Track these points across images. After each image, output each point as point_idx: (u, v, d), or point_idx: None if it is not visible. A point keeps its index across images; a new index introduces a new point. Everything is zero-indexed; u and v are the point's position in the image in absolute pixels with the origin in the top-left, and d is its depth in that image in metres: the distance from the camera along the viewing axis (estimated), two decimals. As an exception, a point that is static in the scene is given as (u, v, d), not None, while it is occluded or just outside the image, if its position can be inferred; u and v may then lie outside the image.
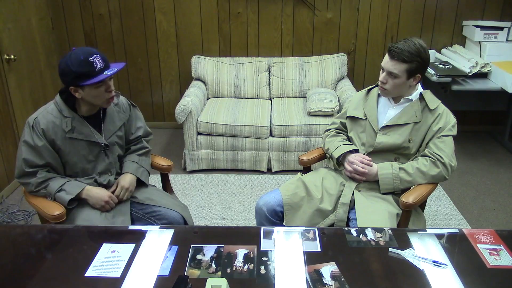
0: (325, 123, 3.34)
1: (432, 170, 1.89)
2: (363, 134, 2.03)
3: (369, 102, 2.04)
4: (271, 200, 1.98)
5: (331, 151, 2.08)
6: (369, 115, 2.01)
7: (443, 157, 1.88)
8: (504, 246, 1.38)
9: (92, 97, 1.74)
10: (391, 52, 1.83)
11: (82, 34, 4.04)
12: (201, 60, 3.91)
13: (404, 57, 1.80)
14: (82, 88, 1.70)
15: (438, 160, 1.88)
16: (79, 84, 1.68)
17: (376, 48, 4.06)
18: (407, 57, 1.80)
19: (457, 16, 3.93)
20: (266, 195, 2.03)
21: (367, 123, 2.01)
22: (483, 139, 4.13)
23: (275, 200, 1.98)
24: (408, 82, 1.87)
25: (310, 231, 1.46)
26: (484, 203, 3.08)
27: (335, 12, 3.94)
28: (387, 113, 1.99)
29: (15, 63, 3.19)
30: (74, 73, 1.66)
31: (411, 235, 1.45)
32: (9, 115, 3.15)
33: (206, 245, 1.38)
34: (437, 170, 1.89)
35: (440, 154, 1.88)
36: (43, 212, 1.70)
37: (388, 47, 1.85)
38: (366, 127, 2.01)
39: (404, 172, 1.91)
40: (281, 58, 3.96)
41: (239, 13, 3.95)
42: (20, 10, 3.31)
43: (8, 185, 3.17)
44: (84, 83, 1.67)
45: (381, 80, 1.89)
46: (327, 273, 1.26)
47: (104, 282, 1.24)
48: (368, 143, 2.01)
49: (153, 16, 3.97)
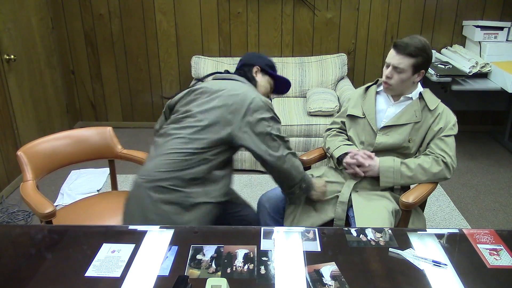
0: (325, 123, 3.34)
1: (434, 168, 1.89)
2: (362, 133, 2.03)
3: (367, 101, 2.03)
4: (273, 196, 1.99)
5: (332, 151, 2.08)
6: (367, 113, 2.01)
7: (445, 157, 1.88)
8: (504, 246, 1.38)
9: (264, 85, 1.91)
10: (398, 46, 1.84)
11: (82, 34, 4.04)
12: (201, 60, 3.91)
13: (410, 51, 1.81)
14: (265, 74, 1.91)
15: (441, 159, 1.89)
16: (268, 70, 1.91)
17: (376, 48, 4.06)
18: (413, 51, 1.81)
19: (457, 16, 3.93)
20: (269, 192, 2.04)
21: (366, 122, 2.01)
22: (483, 139, 4.13)
23: (277, 196, 1.98)
24: (413, 77, 1.88)
25: (310, 231, 1.46)
26: (484, 203, 3.08)
27: (335, 12, 3.94)
28: (386, 111, 1.99)
29: (15, 63, 3.19)
30: (269, 62, 1.94)
31: (411, 235, 1.45)
32: (9, 115, 3.15)
33: (206, 245, 1.38)
34: (439, 168, 1.89)
35: (442, 154, 1.89)
36: (34, 210, 1.72)
37: (393, 43, 1.86)
38: (365, 125, 2.01)
39: (405, 166, 1.90)
40: (281, 58, 3.96)
41: (239, 13, 3.95)
42: (20, 10, 3.31)
43: (8, 185, 3.17)
44: (271, 71, 1.92)
45: (387, 75, 1.89)
46: (327, 273, 1.26)
47: (104, 282, 1.24)
48: (367, 142, 2.00)
49: (153, 16, 3.97)
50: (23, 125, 3.32)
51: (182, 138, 1.64)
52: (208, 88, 1.72)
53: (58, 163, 2.10)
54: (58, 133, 2.15)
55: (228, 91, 1.68)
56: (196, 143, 1.62)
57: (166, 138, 1.68)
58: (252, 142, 1.64)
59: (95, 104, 4.32)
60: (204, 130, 1.64)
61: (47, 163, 2.05)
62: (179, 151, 1.62)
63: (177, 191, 1.60)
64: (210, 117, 1.65)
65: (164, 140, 1.68)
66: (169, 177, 1.60)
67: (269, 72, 1.91)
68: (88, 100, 4.31)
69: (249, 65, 1.87)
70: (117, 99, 4.30)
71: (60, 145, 2.11)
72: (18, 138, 3.26)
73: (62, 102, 4.02)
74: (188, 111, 1.70)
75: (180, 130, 1.66)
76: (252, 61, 1.89)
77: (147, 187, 1.60)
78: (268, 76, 1.92)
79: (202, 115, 1.66)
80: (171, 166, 1.61)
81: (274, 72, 1.94)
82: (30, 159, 1.96)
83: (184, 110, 1.73)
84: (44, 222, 1.76)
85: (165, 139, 1.69)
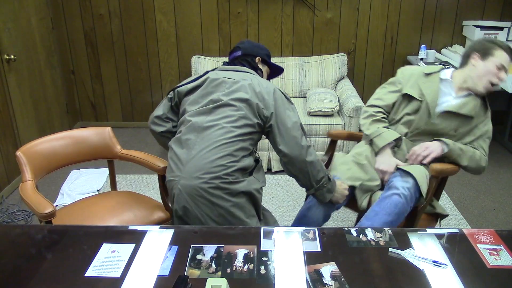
0: (325, 123, 3.34)
1: (479, 157, 2.01)
2: (414, 115, 2.06)
3: (431, 85, 2.06)
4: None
5: (373, 136, 2.09)
6: (429, 98, 2.04)
7: (485, 156, 2.03)
8: (504, 246, 1.38)
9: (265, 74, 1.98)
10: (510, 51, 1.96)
11: (82, 34, 4.04)
12: (201, 60, 3.91)
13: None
14: (264, 64, 1.97)
15: (483, 155, 2.03)
16: (267, 60, 1.96)
17: (376, 48, 4.06)
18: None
19: (457, 16, 3.93)
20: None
21: (423, 106, 2.04)
22: (483, 139, 4.12)
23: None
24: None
25: (310, 231, 1.46)
26: (484, 203, 3.08)
27: (335, 12, 3.94)
28: (447, 101, 2.05)
29: (15, 63, 3.19)
30: (267, 51, 1.98)
31: (411, 235, 1.45)
32: (9, 115, 3.15)
33: (206, 245, 1.38)
34: (482, 159, 2.02)
35: (483, 153, 2.02)
36: (34, 210, 1.71)
37: (507, 46, 1.96)
38: (421, 109, 2.04)
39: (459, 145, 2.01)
40: (281, 58, 3.96)
41: (239, 13, 3.95)
42: (20, 10, 3.31)
43: (8, 185, 3.17)
44: (269, 61, 1.98)
45: (503, 79, 1.97)
46: (327, 273, 1.26)
47: (104, 282, 1.24)
48: (416, 125, 2.05)
49: (153, 16, 3.97)
50: (23, 125, 3.32)
51: (224, 128, 1.64)
52: (227, 79, 1.75)
53: (57, 163, 2.09)
54: (57, 133, 2.15)
55: (248, 81, 1.73)
56: (239, 131, 1.65)
57: (206, 132, 1.65)
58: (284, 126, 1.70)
59: (95, 104, 4.32)
60: (243, 118, 1.67)
61: (46, 164, 2.05)
62: (228, 141, 1.62)
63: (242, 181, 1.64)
64: (242, 105, 1.68)
65: (203, 134, 1.65)
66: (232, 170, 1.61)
67: (268, 62, 1.98)
68: (88, 100, 4.31)
69: (252, 55, 1.91)
70: (117, 99, 4.30)
71: (59, 145, 2.11)
72: (18, 138, 3.26)
73: (62, 102, 4.02)
74: (218, 100, 1.71)
75: (219, 120, 1.66)
76: (254, 51, 1.92)
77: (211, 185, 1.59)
78: (267, 65, 1.99)
79: (237, 103, 1.68)
80: (227, 158, 1.60)
81: (270, 61, 2.00)
82: (29, 159, 1.96)
83: (209, 100, 1.72)
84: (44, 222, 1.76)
85: (203, 132, 1.66)
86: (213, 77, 1.78)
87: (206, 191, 1.58)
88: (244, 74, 1.79)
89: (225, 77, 1.76)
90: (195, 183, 1.59)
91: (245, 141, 1.66)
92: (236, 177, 1.62)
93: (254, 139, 1.72)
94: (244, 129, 1.66)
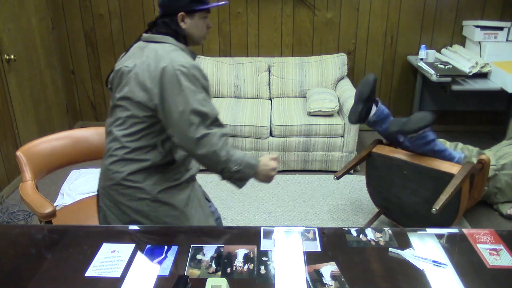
0: (325, 123, 3.35)
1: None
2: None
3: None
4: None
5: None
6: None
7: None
8: (504, 246, 1.38)
9: (197, 29, 1.61)
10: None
11: (82, 34, 4.04)
12: (201, 60, 3.91)
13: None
14: (191, 16, 1.58)
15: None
16: (194, 8, 1.56)
17: (376, 48, 4.06)
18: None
19: (457, 16, 3.93)
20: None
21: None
22: (483, 139, 4.12)
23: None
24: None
25: (310, 231, 1.46)
26: (484, 203, 3.08)
27: (335, 12, 3.94)
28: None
29: (15, 63, 3.19)
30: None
31: (411, 235, 1.45)
32: (9, 115, 3.15)
33: (206, 245, 1.38)
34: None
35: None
36: (34, 210, 1.71)
37: None
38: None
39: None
40: (281, 58, 3.96)
41: (239, 13, 3.95)
42: (20, 10, 3.31)
43: (8, 185, 3.17)
44: (198, 7, 1.57)
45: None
46: (327, 273, 1.26)
47: (104, 282, 1.24)
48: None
49: (153, 16, 3.97)
50: (23, 125, 3.32)
51: (116, 140, 1.57)
52: (124, 68, 1.57)
53: (57, 163, 2.09)
54: (57, 133, 2.15)
55: (134, 69, 1.52)
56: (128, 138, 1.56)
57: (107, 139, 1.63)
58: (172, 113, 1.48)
59: (95, 104, 4.32)
60: (130, 118, 1.54)
61: (46, 164, 2.05)
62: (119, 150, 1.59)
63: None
64: (127, 104, 1.53)
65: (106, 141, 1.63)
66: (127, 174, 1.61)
67: (198, 9, 1.58)
68: (88, 100, 4.31)
69: (170, 15, 1.57)
70: (117, 99, 4.30)
71: (59, 145, 2.11)
72: (18, 138, 3.26)
73: (62, 102, 4.02)
74: (112, 99, 1.61)
75: (112, 126, 1.59)
76: (172, 7, 1.56)
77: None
78: (198, 13, 1.59)
79: (123, 103, 1.54)
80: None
81: (203, 3, 1.60)
82: (29, 159, 1.96)
83: (111, 98, 1.64)
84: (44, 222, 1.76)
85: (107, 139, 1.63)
86: (116, 68, 1.61)
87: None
88: (150, 50, 1.53)
89: (124, 66, 1.57)
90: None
91: (139, 140, 1.55)
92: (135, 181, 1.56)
93: (154, 131, 1.55)
94: (132, 128, 1.53)
